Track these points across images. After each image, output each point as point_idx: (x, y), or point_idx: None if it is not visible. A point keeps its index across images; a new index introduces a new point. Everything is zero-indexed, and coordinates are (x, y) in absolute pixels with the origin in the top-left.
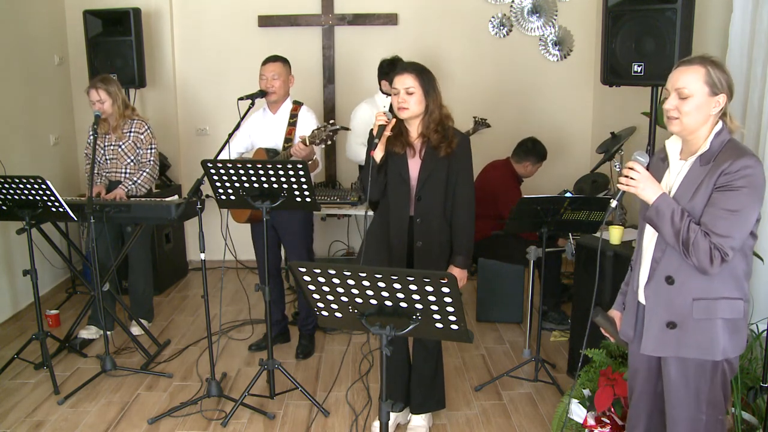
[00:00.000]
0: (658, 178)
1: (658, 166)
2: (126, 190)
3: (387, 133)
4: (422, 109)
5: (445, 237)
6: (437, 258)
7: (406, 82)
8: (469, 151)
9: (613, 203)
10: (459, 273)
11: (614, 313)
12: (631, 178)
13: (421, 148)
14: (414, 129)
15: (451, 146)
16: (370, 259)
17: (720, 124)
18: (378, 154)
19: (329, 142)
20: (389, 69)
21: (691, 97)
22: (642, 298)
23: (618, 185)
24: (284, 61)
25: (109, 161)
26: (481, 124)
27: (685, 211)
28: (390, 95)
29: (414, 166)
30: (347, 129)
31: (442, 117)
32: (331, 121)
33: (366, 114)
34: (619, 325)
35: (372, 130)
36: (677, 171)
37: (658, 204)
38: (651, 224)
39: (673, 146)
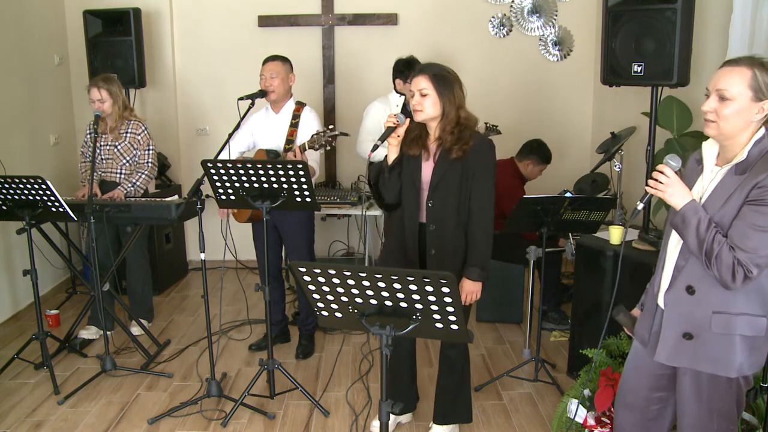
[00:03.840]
0: (692, 181)
1: (693, 168)
2: (125, 192)
3: (397, 135)
4: (438, 112)
5: (460, 245)
6: (451, 267)
7: (420, 84)
8: (487, 156)
9: (639, 205)
10: (470, 286)
11: (637, 311)
12: (659, 182)
13: (436, 151)
14: (433, 132)
15: (464, 149)
16: (387, 264)
17: (762, 132)
18: (391, 156)
19: (328, 147)
20: (404, 68)
21: (732, 100)
22: (662, 303)
23: (646, 187)
24: (283, 60)
25: (104, 161)
26: (491, 130)
27: (712, 221)
28: (403, 94)
29: (427, 169)
30: (346, 134)
31: (461, 119)
32: (330, 127)
33: (379, 112)
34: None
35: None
36: (711, 178)
37: (685, 211)
38: (676, 230)
39: (709, 150)
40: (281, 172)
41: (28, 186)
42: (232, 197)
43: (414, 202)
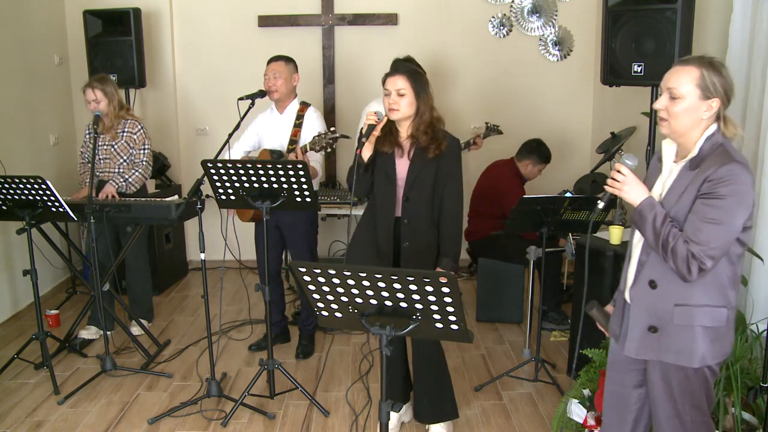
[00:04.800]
0: (654, 179)
1: (654, 167)
2: (116, 186)
3: (376, 133)
4: (413, 111)
5: (432, 238)
6: (425, 259)
7: (397, 83)
8: (458, 155)
9: (600, 204)
10: None
11: (611, 308)
12: (617, 180)
13: (410, 149)
14: (404, 130)
15: (440, 148)
16: (356, 259)
17: (713, 128)
18: (366, 153)
19: (329, 150)
20: None
21: (681, 99)
22: (629, 298)
23: (605, 186)
24: (287, 60)
25: (102, 161)
26: (492, 129)
27: (668, 216)
28: None
29: (402, 166)
30: (347, 137)
31: (433, 119)
32: (332, 129)
33: None
34: None
35: (362, 128)
36: (668, 174)
37: (642, 207)
38: (635, 226)
39: (668, 147)
40: (281, 173)
41: (28, 186)
42: (232, 197)
43: (390, 198)
